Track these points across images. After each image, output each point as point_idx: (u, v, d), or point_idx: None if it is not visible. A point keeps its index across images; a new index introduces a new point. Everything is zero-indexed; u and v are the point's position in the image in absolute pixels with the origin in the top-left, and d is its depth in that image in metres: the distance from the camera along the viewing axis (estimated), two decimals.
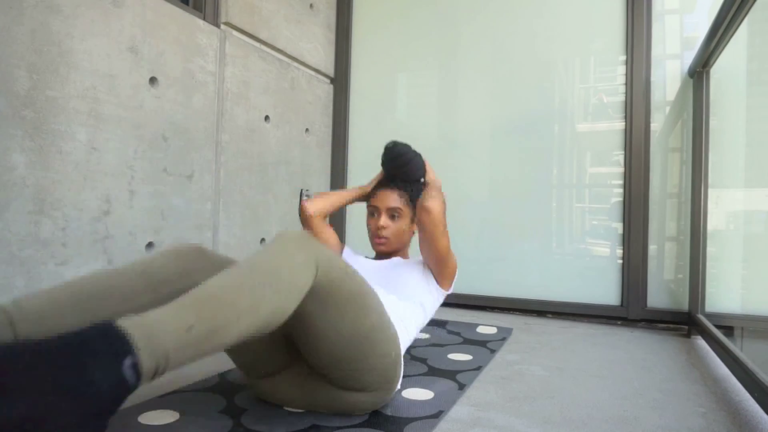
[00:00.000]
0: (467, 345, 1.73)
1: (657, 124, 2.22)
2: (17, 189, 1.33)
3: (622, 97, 2.27)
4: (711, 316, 1.93)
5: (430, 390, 1.25)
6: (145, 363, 0.60)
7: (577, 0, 2.38)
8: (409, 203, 1.43)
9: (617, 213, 2.27)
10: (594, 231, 2.36)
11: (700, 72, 1.99)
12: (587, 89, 2.39)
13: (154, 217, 1.73)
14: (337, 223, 2.78)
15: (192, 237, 1.88)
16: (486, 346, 1.72)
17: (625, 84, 2.25)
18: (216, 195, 2.01)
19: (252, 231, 2.21)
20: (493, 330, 1.97)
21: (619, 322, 2.20)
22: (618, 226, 2.27)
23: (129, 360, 0.58)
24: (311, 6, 2.60)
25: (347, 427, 1.03)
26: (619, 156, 2.27)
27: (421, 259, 1.45)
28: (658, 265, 2.20)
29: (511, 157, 2.48)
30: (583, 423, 1.10)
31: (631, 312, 2.18)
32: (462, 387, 1.29)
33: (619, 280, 2.24)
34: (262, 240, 2.27)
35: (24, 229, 1.35)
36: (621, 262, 2.24)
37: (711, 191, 1.99)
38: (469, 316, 2.24)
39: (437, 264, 1.38)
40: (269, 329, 0.78)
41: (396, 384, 1.12)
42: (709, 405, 1.24)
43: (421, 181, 1.45)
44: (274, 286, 0.77)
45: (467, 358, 1.57)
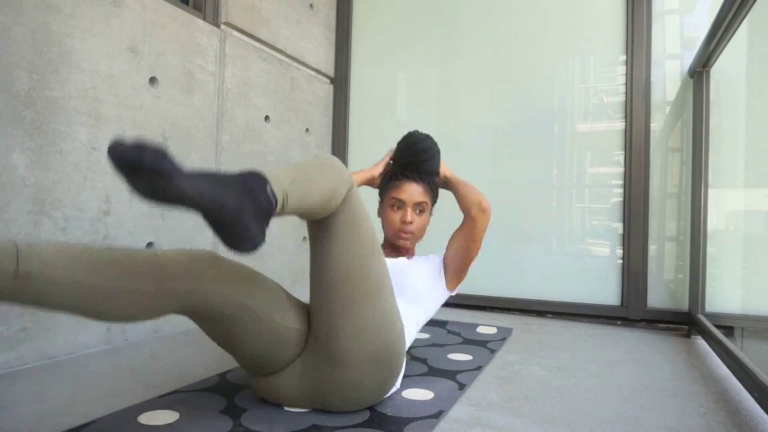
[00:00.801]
0: (467, 345, 1.73)
1: (657, 124, 2.22)
2: (17, 189, 1.33)
3: (622, 97, 2.27)
4: (711, 316, 1.93)
5: (430, 390, 1.25)
6: (278, 192, 0.84)
7: (577, 0, 2.38)
8: (432, 196, 1.43)
9: (617, 213, 2.27)
10: (594, 231, 2.36)
11: (700, 72, 1.99)
12: (587, 89, 2.39)
13: (153, 217, 1.73)
14: None
15: (192, 237, 1.88)
16: (486, 346, 1.72)
17: (625, 84, 2.25)
18: None
19: None
20: (493, 330, 1.97)
21: (619, 322, 2.20)
22: (618, 226, 2.27)
23: (269, 187, 0.83)
24: (311, 6, 2.60)
25: (347, 427, 1.03)
26: (619, 156, 2.27)
27: (429, 257, 1.45)
28: (658, 265, 2.20)
29: (511, 157, 2.48)
30: (583, 423, 1.10)
31: (631, 312, 2.18)
32: (462, 387, 1.29)
33: (619, 280, 2.24)
34: None
35: (24, 229, 1.35)
36: (621, 262, 2.24)
37: (711, 191, 1.99)
38: (469, 316, 2.24)
39: (461, 263, 1.42)
40: (330, 206, 0.98)
41: (398, 368, 1.11)
42: (709, 405, 1.24)
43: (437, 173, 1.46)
44: (331, 169, 0.98)
45: (467, 358, 1.57)
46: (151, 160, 0.69)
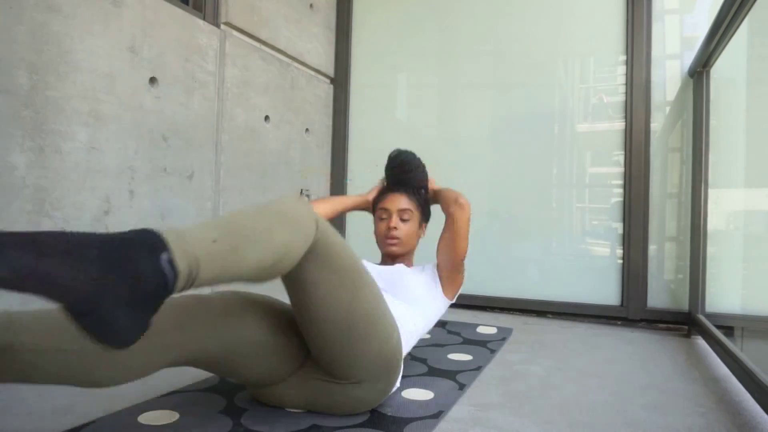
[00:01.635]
0: (467, 345, 1.73)
1: (657, 124, 2.22)
2: (17, 189, 1.33)
3: (622, 97, 2.27)
4: (711, 316, 1.93)
5: (430, 390, 1.25)
6: (179, 262, 0.64)
7: (577, 0, 2.38)
8: (418, 207, 1.46)
9: (617, 213, 2.27)
10: (594, 231, 2.36)
11: (700, 72, 1.99)
12: (587, 89, 2.39)
13: (154, 217, 1.73)
14: (337, 228, 2.78)
15: None
16: (486, 346, 1.72)
17: (625, 84, 2.24)
18: (216, 195, 2.01)
19: None
20: (493, 330, 1.97)
21: (619, 322, 2.20)
22: (618, 226, 2.26)
23: (165, 255, 0.63)
24: (311, 6, 2.60)
25: (347, 427, 1.03)
26: (619, 156, 2.27)
27: (425, 266, 1.47)
28: (658, 265, 2.20)
29: (511, 156, 2.48)
30: (583, 423, 1.10)
31: (631, 312, 2.17)
32: (462, 387, 1.29)
33: (619, 280, 2.24)
34: None
35: (24, 229, 1.35)
36: (621, 262, 2.24)
37: (711, 191, 1.99)
38: (469, 316, 2.24)
39: (451, 266, 1.41)
40: (279, 269, 0.82)
41: (397, 375, 1.11)
42: (709, 405, 1.24)
43: (425, 188, 1.50)
44: (283, 222, 0.82)
45: (467, 358, 1.57)
46: None
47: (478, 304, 2.42)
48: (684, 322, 2.08)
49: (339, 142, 2.79)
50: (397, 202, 1.44)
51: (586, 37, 2.37)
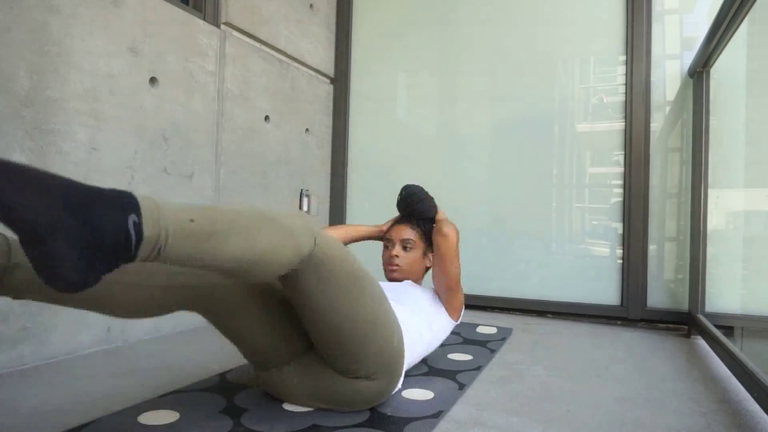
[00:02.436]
0: (467, 345, 1.73)
1: (657, 124, 2.22)
2: None
3: (622, 97, 2.27)
4: (711, 316, 1.93)
5: (430, 390, 1.25)
6: (147, 229, 0.63)
7: (577, 0, 2.38)
8: (423, 238, 1.53)
9: (617, 213, 2.27)
10: (594, 231, 2.36)
11: (700, 72, 1.99)
12: (587, 89, 2.39)
13: None
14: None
15: None
16: (486, 346, 1.72)
17: (625, 84, 2.24)
18: (216, 195, 2.01)
19: None
20: (493, 330, 1.97)
21: (619, 322, 2.20)
22: (618, 226, 2.26)
23: (134, 217, 0.62)
24: (311, 6, 2.60)
25: (347, 427, 1.03)
26: (619, 156, 2.27)
27: (430, 289, 1.53)
28: (658, 265, 2.20)
29: (511, 157, 2.48)
30: (583, 423, 1.10)
31: (631, 312, 2.18)
32: (462, 387, 1.29)
33: (619, 280, 2.24)
34: None
35: None
36: (621, 262, 2.24)
37: (711, 191, 1.99)
38: (469, 316, 2.24)
39: (447, 292, 1.46)
40: (260, 271, 0.80)
41: (400, 374, 1.13)
42: (709, 405, 1.24)
43: (433, 220, 1.57)
44: (272, 226, 0.80)
45: (467, 358, 1.57)
46: None
47: (478, 304, 2.42)
48: (684, 322, 2.08)
49: (339, 142, 2.79)
50: (401, 232, 1.52)
51: (586, 37, 2.37)
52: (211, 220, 0.73)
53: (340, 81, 2.81)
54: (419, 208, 1.51)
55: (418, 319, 1.32)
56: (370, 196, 2.73)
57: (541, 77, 2.43)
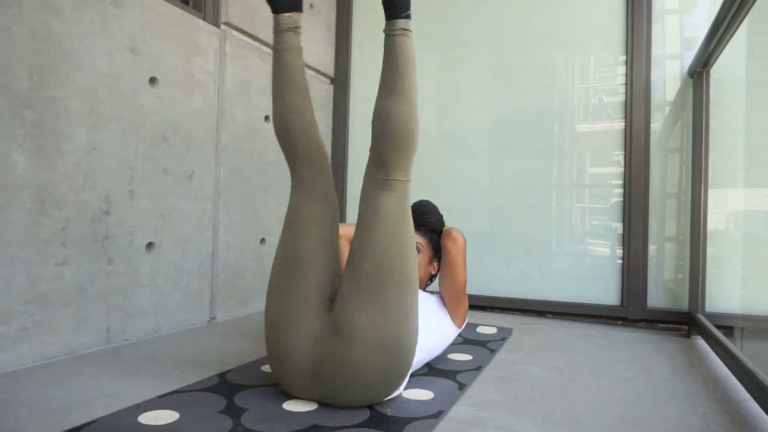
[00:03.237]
0: (467, 345, 1.73)
1: (657, 124, 2.22)
2: (17, 189, 1.33)
3: (622, 97, 2.27)
4: (711, 316, 1.93)
5: (430, 390, 1.25)
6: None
7: (577, 0, 2.38)
8: (430, 244, 1.55)
9: (617, 213, 2.27)
10: (594, 231, 2.36)
11: (700, 72, 1.99)
12: (587, 89, 2.39)
13: (153, 217, 1.73)
14: None
15: (192, 237, 1.88)
16: (486, 346, 1.72)
17: (625, 84, 2.25)
18: (216, 195, 2.01)
19: (252, 231, 2.21)
20: (493, 330, 1.97)
21: (619, 322, 2.20)
22: (618, 226, 2.27)
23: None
24: (311, 6, 2.60)
25: (347, 427, 1.03)
26: (619, 156, 2.28)
27: (435, 293, 1.55)
28: (658, 265, 2.20)
29: (510, 157, 2.48)
30: (583, 423, 1.10)
31: (631, 312, 2.18)
32: (462, 387, 1.29)
33: (619, 280, 2.24)
34: (263, 240, 2.27)
35: (24, 229, 1.35)
36: (621, 262, 2.24)
37: (711, 191, 1.99)
38: (470, 316, 2.24)
39: (453, 296, 1.47)
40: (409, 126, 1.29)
41: (404, 373, 1.14)
42: (709, 405, 1.24)
43: (440, 233, 1.59)
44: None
45: (467, 358, 1.57)
46: None
47: (478, 304, 2.42)
48: (684, 322, 2.08)
49: (339, 142, 2.79)
50: None
51: (586, 37, 2.37)
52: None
53: (340, 81, 2.81)
54: (427, 218, 1.55)
55: (424, 321, 1.32)
56: None
57: (541, 77, 2.43)
